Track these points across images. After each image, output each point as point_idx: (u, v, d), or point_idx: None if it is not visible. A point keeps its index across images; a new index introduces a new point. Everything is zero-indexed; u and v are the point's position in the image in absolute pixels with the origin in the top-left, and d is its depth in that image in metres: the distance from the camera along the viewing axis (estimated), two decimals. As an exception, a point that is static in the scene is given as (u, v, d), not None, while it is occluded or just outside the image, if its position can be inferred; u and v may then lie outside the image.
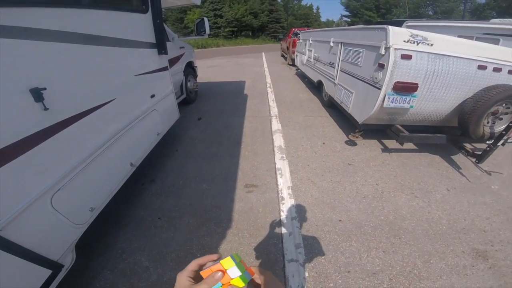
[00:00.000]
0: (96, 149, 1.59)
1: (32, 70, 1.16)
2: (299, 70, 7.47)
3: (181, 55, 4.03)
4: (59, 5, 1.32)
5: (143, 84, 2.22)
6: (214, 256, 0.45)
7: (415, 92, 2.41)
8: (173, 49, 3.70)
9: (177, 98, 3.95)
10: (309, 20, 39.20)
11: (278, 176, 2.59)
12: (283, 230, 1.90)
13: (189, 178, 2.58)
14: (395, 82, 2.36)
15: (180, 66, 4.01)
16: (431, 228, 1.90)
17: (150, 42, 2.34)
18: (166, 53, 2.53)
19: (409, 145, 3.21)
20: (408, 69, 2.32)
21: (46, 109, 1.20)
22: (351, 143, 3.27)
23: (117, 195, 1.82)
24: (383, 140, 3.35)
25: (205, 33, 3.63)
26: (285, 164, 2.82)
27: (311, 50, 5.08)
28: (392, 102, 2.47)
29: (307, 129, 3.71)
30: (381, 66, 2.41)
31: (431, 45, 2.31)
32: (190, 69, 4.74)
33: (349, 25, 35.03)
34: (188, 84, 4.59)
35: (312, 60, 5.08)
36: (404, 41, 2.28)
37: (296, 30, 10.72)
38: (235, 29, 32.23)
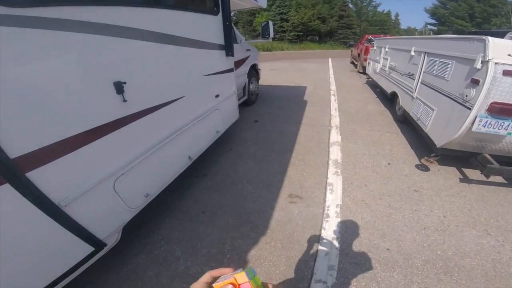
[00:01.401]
0: (161, 141, 1.71)
1: (116, 65, 1.29)
2: (370, 79, 6.82)
3: (247, 58, 4.14)
4: (140, 4, 1.44)
5: (209, 84, 2.33)
6: (228, 270, 0.45)
7: None
8: (240, 51, 3.82)
9: (239, 99, 4.11)
10: (386, 27, 35.63)
11: (328, 192, 2.37)
12: (320, 248, 1.76)
13: (237, 178, 2.61)
14: (492, 103, 1.89)
15: (245, 68, 4.12)
16: (494, 269, 1.60)
17: (219, 43, 2.43)
18: (233, 55, 2.60)
19: (496, 178, 2.55)
20: (510, 88, 1.81)
21: (125, 101, 1.34)
22: (423, 167, 2.74)
23: (171, 184, 1.93)
24: (463, 169, 2.72)
25: (269, 36, 3.62)
26: (338, 180, 2.56)
27: (387, 59, 4.53)
28: (484, 126, 1.98)
29: (371, 145, 3.30)
30: (475, 82, 1.94)
31: None
32: (254, 72, 4.83)
33: (435, 34, 30.47)
34: (251, 86, 4.69)
35: (386, 69, 4.53)
36: (510, 55, 1.79)
37: (370, 37, 9.91)
38: (301, 33, 31.84)
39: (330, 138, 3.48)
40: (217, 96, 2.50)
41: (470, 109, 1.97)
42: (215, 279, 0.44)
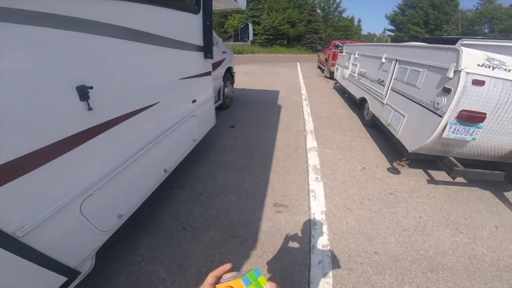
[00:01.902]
0: (134, 155, 1.52)
1: (79, 66, 1.08)
2: (337, 84, 7.15)
3: (223, 60, 4.01)
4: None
5: (187, 88, 2.16)
6: (227, 266, 0.46)
7: (481, 123, 2.08)
8: (217, 53, 3.67)
9: (214, 103, 3.95)
10: (349, 32, 38.15)
11: (312, 199, 2.39)
12: (312, 257, 1.77)
13: (218, 189, 2.49)
14: (461, 110, 2.05)
15: (221, 71, 3.98)
16: (472, 265, 1.78)
17: (198, 45, 2.28)
18: (211, 57, 2.47)
19: (459, 179, 2.83)
20: (478, 97, 2.00)
21: (90, 109, 1.13)
22: (394, 171, 2.94)
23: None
24: (429, 171, 2.99)
25: (248, 39, 3.54)
26: (320, 186, 2.60)
27: (356, 65, 4.78)
28: (453, 133, 2.15)
29: (345, 150, 3.42)
30: (447, 91, 2.09)
31: (509, 70, 1.96)
32: (229, 75, 4.71)
33: (393, 39, 33.50)
34: (226, 89, 4.56)
35: (356, 75, 4.78)
36: (478, 65, 1.96)
37: (337, 42, 10.42)
38: (271, 37, 32.47)
39: (306, 144, 3.53)
40: (194, 101, 2.34)
41: (441, 116, 2.12)
42: (218, 278, 0.45)
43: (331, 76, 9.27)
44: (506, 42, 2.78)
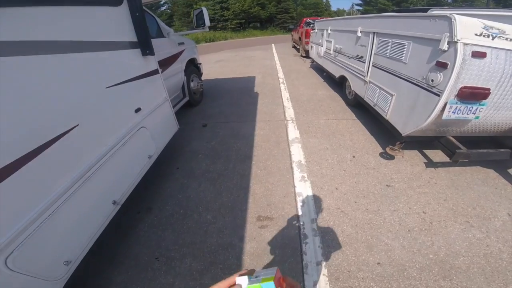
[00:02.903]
0: (61, 194, 1.18)
1: None
2: (314, 63, 6.76)
3: (180, 52, 3.47)
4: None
5: (120, 97, 1.68)
6: (233, 279, 0.43)
7: (484, 100, 1.79)
8: (169, 46, 3.15)
9: (178, 102, 3.46)
10: (319, 9, 37.44)
11: (299, 205, 2.06)
12: (306, 278, 1.51)
13: (191, 207, 2.11)
14: (462, 87, 1.74)
15: (180, 65, 3.45)
16: (489, 265, 1.53)
17: (129, 41, 1.79)
18: (152, 53, 1.98)
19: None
20: (479, 71, 1.69)
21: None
22: (388, 156, 2.62)
23: (109, 225, 1.51)
24: (425, 151, 2.71)
25: (204, 25, 3.02)
26: (307, 187, 2.26)
27: (330, 41, 4.38)
28: (454, 113, 1.85)
29: (331, 136, 3.09)
30: (442, 66, 1.76)
31: (511, 40, 1.65)
32: (193, 67, 4.17)
33: (362, 13, 33.18)
34: (191, 84, 4.04)
35: (331, 52, 4.39)
36: (476, 35, 1.64)
37: (308, 20, 9.95)
38: (243, 21, 31.26)
39: (288, 135, 3.16)
40: (138, 110, 1.87)
41: (438, 95, 1.80)
42: (232, 285, 0.43)
43: (307, 55, 8.85)
44: (476, 10, 2.49)
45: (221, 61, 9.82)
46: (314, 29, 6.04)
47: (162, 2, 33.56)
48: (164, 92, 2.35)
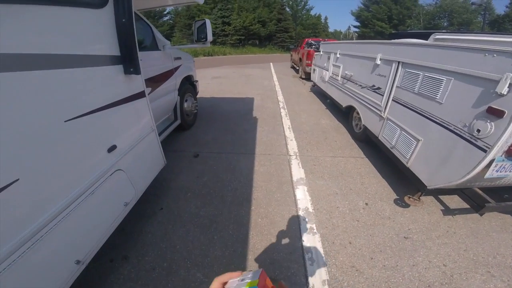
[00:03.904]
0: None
1: None
2: (315, 87, 6.53)
3: (176, 69, 3.08)
4: None
5: (86, 134, 1.23)
6: (236, 274, 0.44)
7: None
8: (163, 61, 2.76)
9: (168, 126, 3.02)
10: (317, 30, 38.70)
11: (308, 264, 1.70)
12: None
13: (177, 260, 1.71)
14: None
15: (174, 82, 3.05)
16: None
17: (108, 55, 1.38)
18: (137, 71, 1.55)
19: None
20: None
21: None
22: (403, 203, 2.30)
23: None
24: (440, 197, 2.45)
25: (206, 40, 2.64)
26: (317, 242, 1.89)
27: (338, 66, 4.12)
28: (498, 171, 1.55)
29: (340, 178, 2.70)
30: (495, 114, 1.42)
31: None
32: (189, 85, 3.78)
33: (359, 36, 34.45)
34: (185, 105, 3.63)
35: (339, 78, 4.12)
36: None
37: (310, 40, 9.93)
38: (243, 37, 31.74)
39: (292, 174, 2.75)
40: (112, 148, 1.43)
41: (485, 150, 1.45)
42: (224, 284, 0.43)
43: (307, 77, 8.71)
44: (480, 36, 2.28)
45: (218, 78, 9.56)
46: (319, 51, 5.84)
47: (165, 12, 33.89)
48: (151, 120, 1.92)
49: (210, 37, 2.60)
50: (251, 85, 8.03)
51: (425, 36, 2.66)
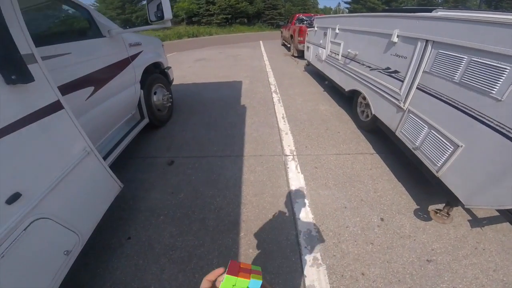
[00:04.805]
0: None
1: None
2: (310, 66, 5.86)
3: (134, 57, 2.39)
4: None
5: None
6: (220, 270, 0.46)
7: None
8: (111, 49, 2.07)
9: (132, 128, 2.41)
10: (307, 7, 36.78)
11: None
12: None
13: None
14: None
15: (132, 74, 2.36)
16: None
17: None
18: (26, 79, 0.96)
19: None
20: None
21: None
22: (425, 215, 1.88)
23: None
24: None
25: (163, 17, 1.94)
26: (322, 276, 1.48)
27: (339, 43, 3.47)
28: None
29: (347, 185, 2.20)
30: None
31: None
32: (158, 75, 3.09)
33: (350, 12, 32.85)
34: (154, 98, 2.97)
35: (339, 57, 3.48)
36: None
37: (301, 16, 9.05)
38: (229, 16, 29.88)
39: (289, 183, 2.22)
40: (14, 198, 0.88)
41: None
42: (213, 282, 0.45)
43: (300, 55, 7.97)
44: (493, 13, 1.74)
45: (202, 60, 8.69)
46: (313, 27, 5.11)
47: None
48: (82, 140, 1.31)
49: (168, 14, 1.89)
50: (239, 66, 7.25)
51: (427, 12, 2.16)
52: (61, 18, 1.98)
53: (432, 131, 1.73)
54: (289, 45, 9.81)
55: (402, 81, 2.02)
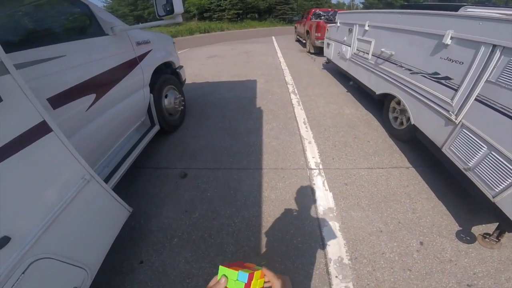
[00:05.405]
0: None
1: None
2: (329, 63, 5.51)
3: (142, 56, 2.16)
4: None
5: None
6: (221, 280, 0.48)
7: None
8: (116, 49, 1.84)
9: (143, 137, 2.22)
10: (320, 1, 35.52)
11: None
12: None
13: None
14: None
15: (140, 76, 2.13)
16: None
17: None
18: None
19: None
20: None
21: None
22: (468, 237, 1.64)
23: None
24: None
25: (173, 12, 1.67)
26: None
27: (369, 42, 3.13)
28: None
29: (382, 205, 1.92)
30: None
31: None
32: (169, 76, 2.87)
33: (365, 8, 31.51)
34: (165, 102, 2.76)
35: (369, 56, 3.15)
36: None
37: (317, 11, 8.65)
38: (241, 11, 29.38)
39: (316, 202, 1.96)
40: (3, 243, 0.69)
41: None
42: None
43: (316, 52, 7.58)
44: None
45: (215, 57, 8.45)
46: (332, 22, 4.74)
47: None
48: (80, 167, 1.10)
49: (179, 8, 1.63)
50: (252, 63, 6.97)
51: (449, 9, 1.96)
52: (54, 14, 1.68)
53: (492, 152, 1.42)
54: (304, 41, 9.40)
55: (456, 90, 1.70)
